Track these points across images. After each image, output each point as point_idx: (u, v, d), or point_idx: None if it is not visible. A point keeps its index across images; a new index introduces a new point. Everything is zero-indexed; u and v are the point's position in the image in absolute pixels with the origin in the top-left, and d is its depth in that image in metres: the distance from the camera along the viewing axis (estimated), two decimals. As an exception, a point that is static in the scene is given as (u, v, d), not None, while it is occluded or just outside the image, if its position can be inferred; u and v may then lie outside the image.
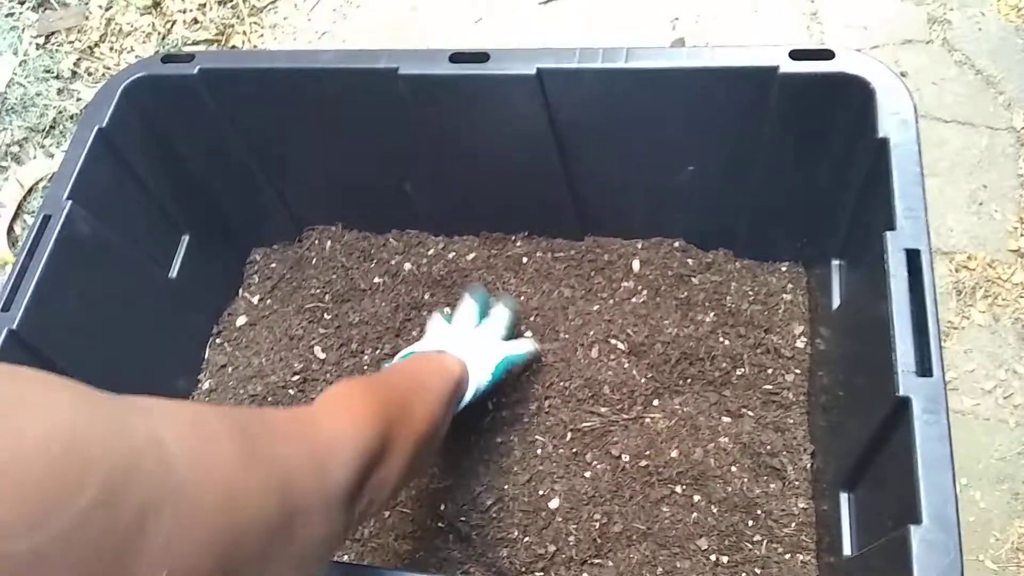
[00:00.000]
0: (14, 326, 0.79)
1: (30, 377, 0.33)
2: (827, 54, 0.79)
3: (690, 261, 1.02)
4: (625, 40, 1.37)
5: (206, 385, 1.06)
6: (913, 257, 0.68)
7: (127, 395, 0.36)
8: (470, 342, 0.88)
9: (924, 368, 0.63)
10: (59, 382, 0.33)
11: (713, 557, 0.84)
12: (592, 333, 0.98)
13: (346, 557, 0.91)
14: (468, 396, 0.82)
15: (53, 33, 1.56)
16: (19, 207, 1.37)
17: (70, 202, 0.85)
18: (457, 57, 0.87)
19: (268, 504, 0.39)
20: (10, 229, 1.36)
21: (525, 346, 0.95)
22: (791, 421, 0.90)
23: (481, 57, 0.86)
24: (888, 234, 0.69)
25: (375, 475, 0.54)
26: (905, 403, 0.62)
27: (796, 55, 0.79)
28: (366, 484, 0.53)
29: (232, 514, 0.36)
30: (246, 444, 0.41)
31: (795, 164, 0.88)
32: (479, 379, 0.84)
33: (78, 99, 1.49)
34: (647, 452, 0.90)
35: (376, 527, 0.92)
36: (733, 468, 0.88)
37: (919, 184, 0.71)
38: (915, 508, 0.58)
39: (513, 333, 0.97)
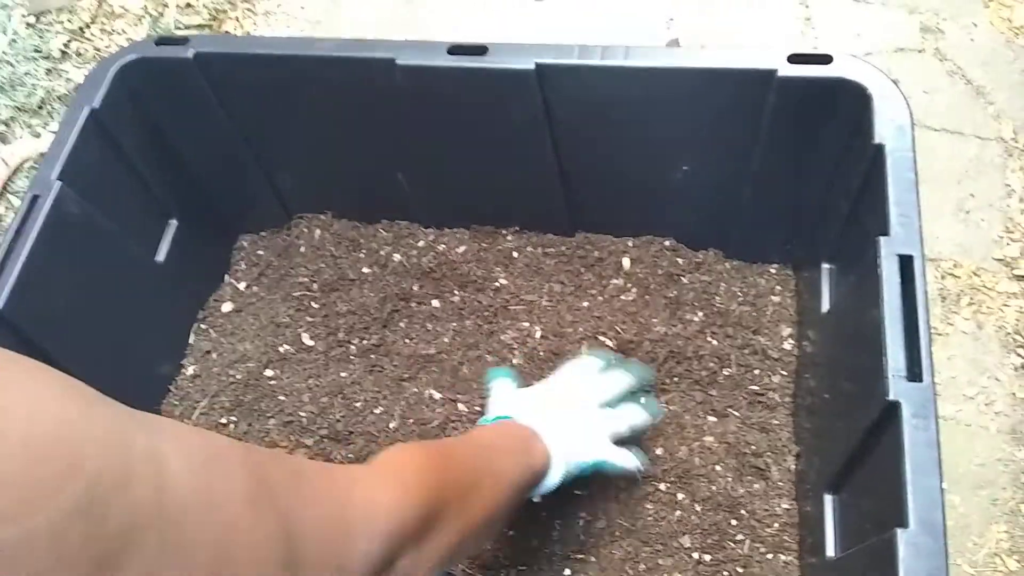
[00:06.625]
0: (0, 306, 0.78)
1: (25, 366, 0.31)
2: (825, 59, 0.80)
3: (680, 260, 1.02)
4: (619, 40, 1.37)
5: (190, 371, 1.06)
6: (906, 263, 0.68)
7: (142, 412, 0.35)
8: (569, 425, 0.77)
9: (914, 373, 0.64)
10: (57, 377, 0.32)
11: (695, 555, 0.84)
12: (581, 329, 0.98)
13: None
14: (546, 486, 0.73)
15: (44, 13, 1.54)
16: (3, 187, 1.35)
17: (60, 183, 0.84)
18: (455, 49, 0.86)
19: (269, 557, 0.37)
20: (-6, 209, 1.34)
21: (628, 460, 0.80)
22: (776, 422, 0.90)
23: (479, 50, 0.86)
24: (882, 239, 0.69)
25: (408, 555, 0.50)
26: (895, 407, 0.63)
27: (794, 59, 0.80)
28: (396, 563, 0.49)
29: (226, 557, 0.35)
30: (261, 488, 0.39)
31: (789, 167, 0.88)
32: (560, 474, 0.73)
33: (67, 80, 1.47)
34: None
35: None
36: (717, 467, 0.88)
37: (913, 191, 0.72)
38: (903, 512, 0.58)
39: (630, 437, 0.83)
